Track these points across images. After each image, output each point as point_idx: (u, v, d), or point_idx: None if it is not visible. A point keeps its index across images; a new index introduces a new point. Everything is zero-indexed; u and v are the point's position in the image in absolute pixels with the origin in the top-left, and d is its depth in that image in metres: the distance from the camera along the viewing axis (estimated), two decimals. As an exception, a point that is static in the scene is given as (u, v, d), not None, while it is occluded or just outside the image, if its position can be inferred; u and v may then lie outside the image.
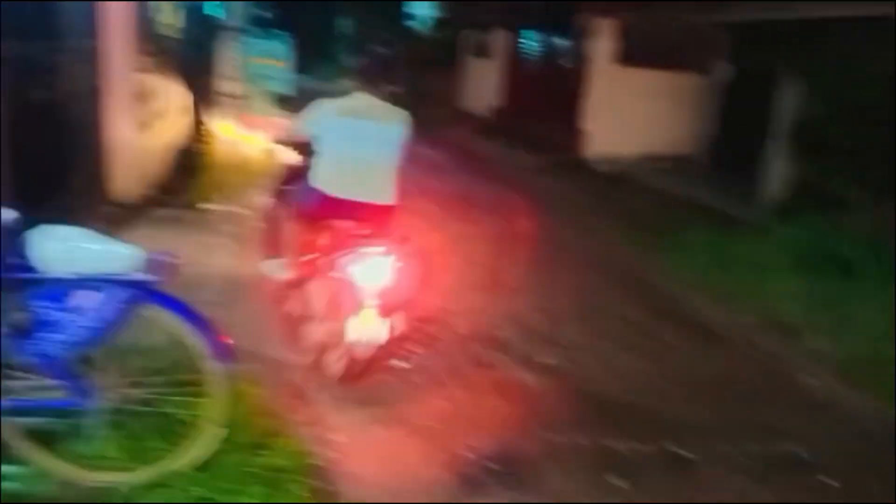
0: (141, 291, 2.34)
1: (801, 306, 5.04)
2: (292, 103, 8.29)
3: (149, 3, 8.13)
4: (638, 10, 13.18)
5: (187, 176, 7.42)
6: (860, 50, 8.10)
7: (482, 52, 17.62)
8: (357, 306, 3.33)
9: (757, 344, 4.93)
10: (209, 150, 7.90)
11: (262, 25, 8.63)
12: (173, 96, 9.36)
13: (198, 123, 9.50)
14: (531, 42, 14.95)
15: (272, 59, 8.02)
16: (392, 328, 3.43)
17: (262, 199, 6.92)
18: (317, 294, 3.64)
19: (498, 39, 16.42)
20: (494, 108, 16.17)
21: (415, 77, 22.75)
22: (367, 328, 3.35)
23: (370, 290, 3.31)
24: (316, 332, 3.62)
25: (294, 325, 3.82)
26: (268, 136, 7.98)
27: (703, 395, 4.10)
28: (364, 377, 3.53)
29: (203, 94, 8.34)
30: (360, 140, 3.59)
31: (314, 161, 3.65)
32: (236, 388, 2.74)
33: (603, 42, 11.82)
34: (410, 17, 29.57)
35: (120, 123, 6.23)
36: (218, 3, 10.96)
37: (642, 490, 3.13)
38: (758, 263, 5.86)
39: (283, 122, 7.89)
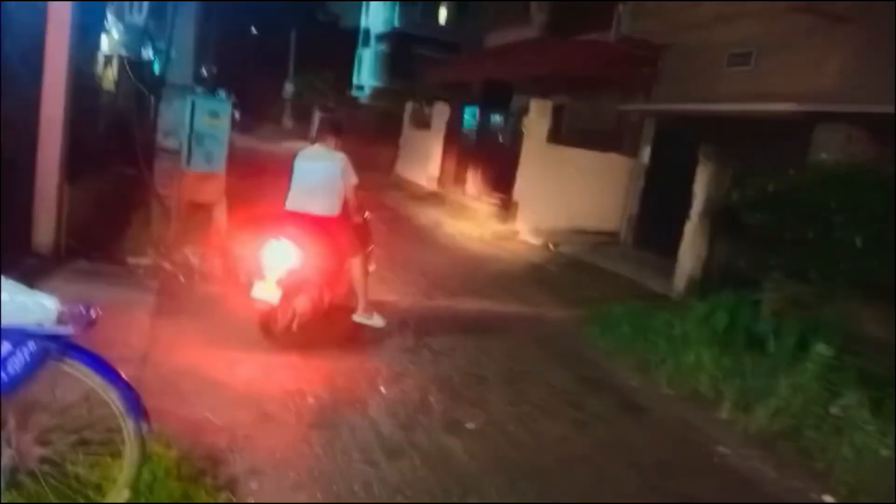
0: (55, 344, 2.28)
1: (715, 379, 5.26)
2: (231, 161, 8.28)
3: (90, 55, 8.12)
4: (571, 94, 13.95)
5: (118, 229, 7.25)
6: (770, 141, 8.81)
7: (423, 123, 18.15)
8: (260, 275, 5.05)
9: (674, 413, 5.09)
10: (144, 203, 7.76)
11: (205, 84, 8.65)
12: (112, 149, 9.24)
13: (134, 177, 9.36)
14: (470, 118, 15.52)
15: (213, 117, 8.01)
16: (287, 296, 5.09)
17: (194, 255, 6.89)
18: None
19: (439, 113, 16.98)
20: (430, 178, 16.55)
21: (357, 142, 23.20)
22: (265, 290, 5.03)
23: (271, 267, 5.03)
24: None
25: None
26: (206, 192, 7.92)
27: (621, 463, 4.19)
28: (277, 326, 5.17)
29: (141, 147, 8.26)
30: (311, 174, 5.51)
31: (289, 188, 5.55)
32: (148, 449, 2.66)
33: (537, 121, 12.38)
34: (356, 87, 30.24)
35: (49, 173, 6.10)
36: (160, 59, 11.01)
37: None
38: (676, 337, 6.10)
39: (219, 177, 7.91)
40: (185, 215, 7.71)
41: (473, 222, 12.74)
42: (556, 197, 12.04)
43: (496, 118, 15.17)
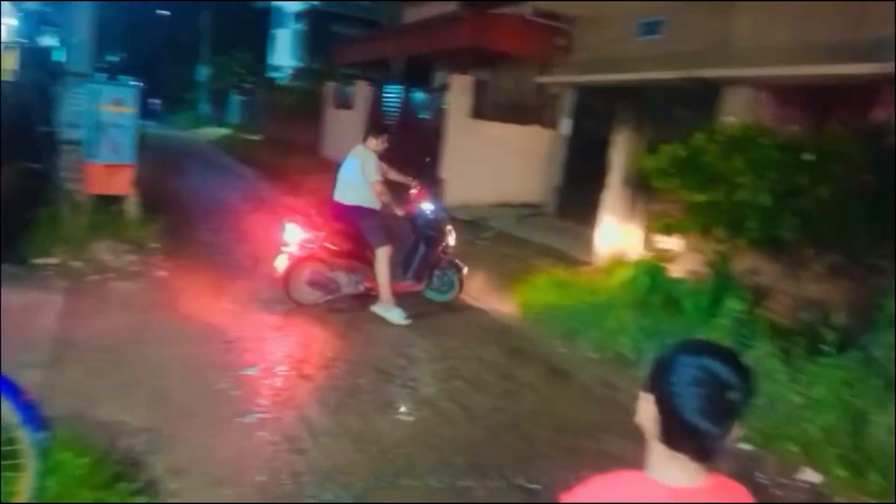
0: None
1: (636, 340, 5.43)
2: (141, 149, 7.94)
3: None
4: (491, 68, 13.98)
5: (22, 227, 6.84)
6: (682, 107, 9.07)
7: (345, 103, 17.83)
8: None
9: (598, 376, 5.24)
10: (49, 199, 7.34)
11: (110, 72, 8.21)
12: (12, 143, 8.68)
13: (38, 172, 8.83)
14: (392, 95, 15.35)
15: (119, 105, 7.64)
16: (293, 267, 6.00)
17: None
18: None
19: (361, 92, 16.71)
20: (357, 158, 16.34)
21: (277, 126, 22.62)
22: (278, 260, 5.98)
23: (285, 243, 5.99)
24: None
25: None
26: (115, 184, 7.56)
27: (548, 427, 4.28)
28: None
29: (44, 140, 7.79)
30: (343, 168, 6.20)
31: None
32: (54, 457, 2.54)
33: (459, 97, 12.36)
34: (273, 67, 29.41)
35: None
36: (61, 48, 10.40)
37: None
38: (599, 303, 6.26)
39: (129, 169, 7.56)
40: (95, 210, 7.35)
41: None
42: (482, 172, 12.08)
43: (418, 95, 15.06)
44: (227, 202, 11.80)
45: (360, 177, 5.95)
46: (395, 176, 6.37)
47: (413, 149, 13.96)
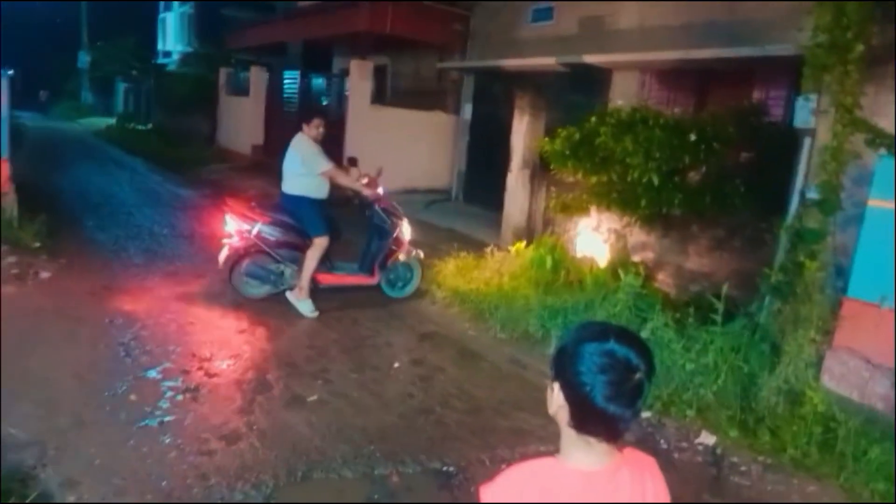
0: None
1: (541, 318, 5.58)
2: (17, 142, 7.35)
3: None
4: (391, 54, 13.86)
5: None
6: (577, 90, 9.33)
7: (240, 90, 17.19)
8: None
9: (507, 355, 5.35)
10: None
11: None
12: None
13: None
14: (291, 81, 14.93)
15: (-13, 96, 7.04)
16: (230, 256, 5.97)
17: None
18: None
19: (256, 78, 16.16)
20: (255, 146, 15.83)
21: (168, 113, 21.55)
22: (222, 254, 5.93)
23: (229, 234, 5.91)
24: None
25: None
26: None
27: (460, 409, 4.34)
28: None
29: None
30: (286, 159, 5.94)
31: None
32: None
33: (360, 82, 12.19)
34: (162, 53, 27.94)
35: None
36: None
37: (405, 513, 3.22)
38: (506, 284, 6.39)
39: (2, 164, 6.98)
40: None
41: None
42: (387, 158, 11.88)
43: (318, 81, 14.72)
44: (115, 196, 11.13)
45: (300, 167, 5.81)
46: (341, 167, 6.31)
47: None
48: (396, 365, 5.02)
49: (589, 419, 1.30)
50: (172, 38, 26.98)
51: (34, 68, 28.29)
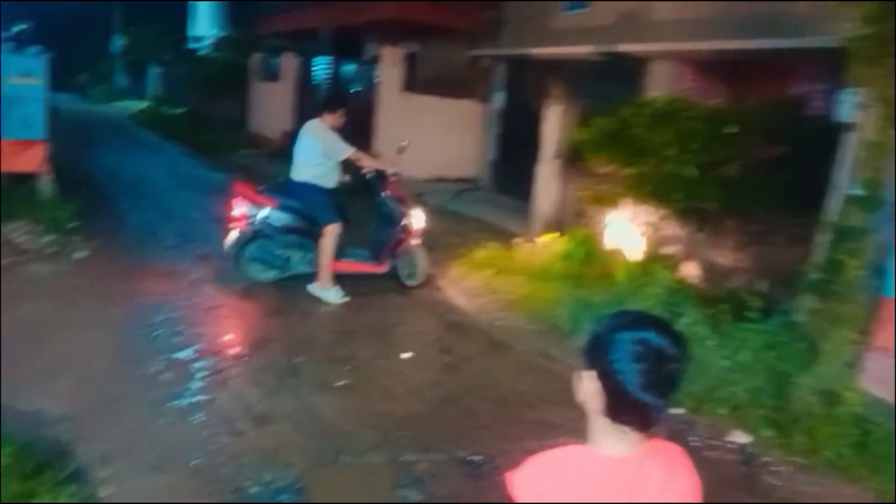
0: None
1: (571, 311, 5.53)
2: (54, 124, 7.48)
3: None
4: (422, 41, 13.80)
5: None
6: (610, 80, 9.21)
7: (271, 75, 17.28)
8: None
9: (535, 347, 5.32)
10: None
11: (17, 42, 7.65)
12: None
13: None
14: (322, 67, 14.96)
15: (26, 77, 7.14)
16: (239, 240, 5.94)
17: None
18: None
19: (287, 64, 16.22)
20: (285, 132, 15.91)
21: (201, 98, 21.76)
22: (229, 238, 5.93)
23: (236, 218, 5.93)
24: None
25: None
26: (25, 161, 7.09)
27: (487, 399, 4.32)
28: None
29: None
30: (297, 144, 5.93)
31: None
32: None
33: (390, 69, 12.16)
34: (193, 38, 28.16)
35: None
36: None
37: (433, 499, 3.21)
38: (536, 274, 6.34)
39: (40, 144, 7.10)
40: (5, 189, 6.89)
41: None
42: (416, 146, 11.90)
43: (348, 68, 14.72)
44: (148, 179, 11.29)
45: (314, 155, 5.79)
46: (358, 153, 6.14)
47: (345, 122, 13.72)
48: (423, 353, 5.02)
49: (622, 408, 1.28)
50: (205, 22, 27.16)
51: (69, 51, 28.69)
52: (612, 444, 1.32)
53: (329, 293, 5.87)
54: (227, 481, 3.14)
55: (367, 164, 6.04)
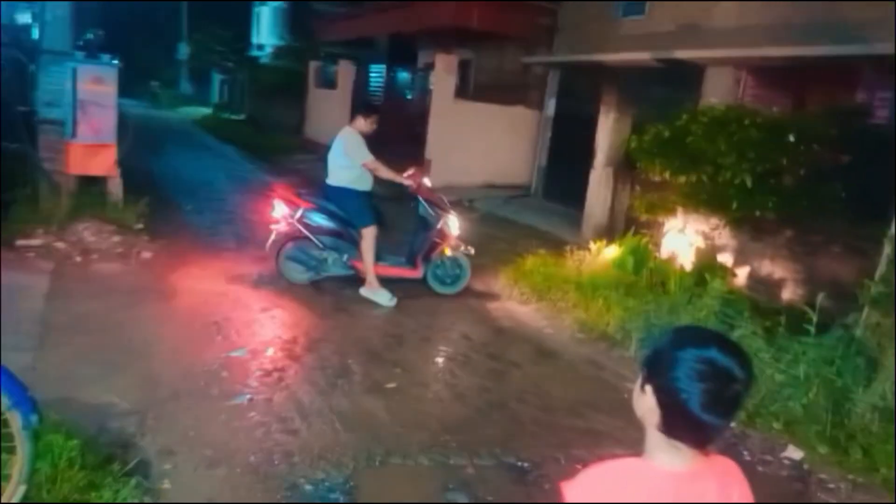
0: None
1: (622, 320, 5.49)
2: (122, 129, 7.82)
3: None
4: (476, 48, 13.89)
5: (3, 209, 6.75)
6: (667, 87, 9.10)
7: (328, 83, 17.65)
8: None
9: (585, 355, 5.30)
10: (29, 180, 7.23)
11: (87, 49, 8.03)
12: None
13: (16, 152, 8.67)
14: (376, 74, 15.22)
15: (98, 84, 7.50)
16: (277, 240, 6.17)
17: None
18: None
19: (344, 71, 16.55)
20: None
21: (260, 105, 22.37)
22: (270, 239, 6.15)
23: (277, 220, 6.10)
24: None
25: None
26: (96, 164, 7.45)
27: (535, 406, 4.34)
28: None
29: (22, 120, 7.63)
30: (331, 149, 6.10)
31: None
32: (44, 440, 2.53)
33: (444, 76, 12.28)
34: (256, 46, 28.97)
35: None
36: (34, 24, 10.13)
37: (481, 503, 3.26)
38: (585, 283, 6.31)
39: (110, 148, 7.45)
40: (77, 190, 7.25)
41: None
42: (468, 153, 12.06)
43: (403, 75, 14.95)
44: (210, 182, 11.69)
45: (345, 158, 5.93)
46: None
47: (398, 129, 13.92)
48: (472, 358, 5.06)
49: (681, 425, 1.28)
50: (266, 31, 27.95)
51: (137, 58, 29.87)
52: (667, 458, 1.31)
53: (379, 295, 5.96)
54: (282, 478, 3.24)
55: (384, 175, 6.02)
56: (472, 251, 6.41)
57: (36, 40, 8.70)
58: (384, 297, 5.96)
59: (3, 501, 2.32)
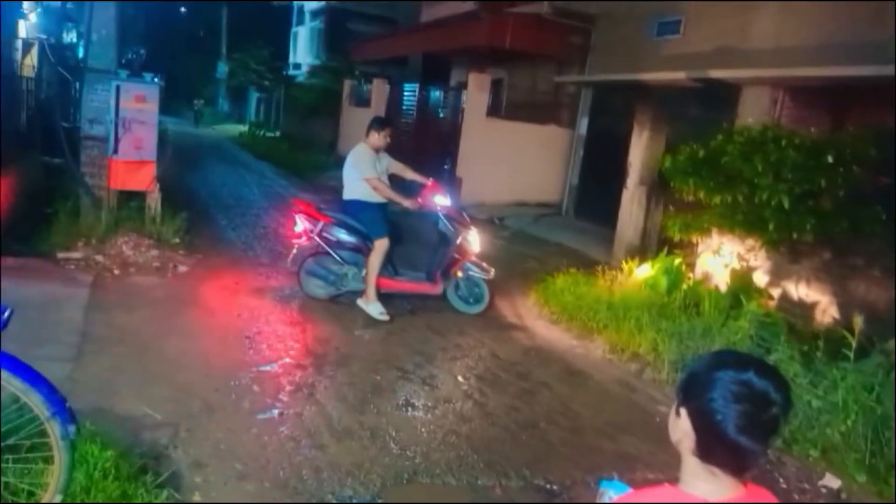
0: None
1: (653, 341, 5.41)
2: (162, 145, 8.02)
3: (7, 41, 7.68)
4: (508, 67, 13.95)
5: (45, 222, 6.96)
6: (701, 107, 9.03)
7: (362, 101, 17.88)
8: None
9: (615, 376, 5.24)
10: (71, 194, 7.45)
11: (130, 68, 8.27)
12: (35, 138, 8.81)
13: (60, 167, 8.95)
14: (409, 93, 15.38)
15: (141, 102, 7.71)
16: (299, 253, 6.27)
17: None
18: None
19: (378, 90, 16.76)
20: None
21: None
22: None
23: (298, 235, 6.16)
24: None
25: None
26: (136, 180, 7.65)
27: (565, 427, 4.29)
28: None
29: (66, 136, 7.88)
30: (345, 165, 6.13)
31: None
32: (80, 450, 2.59)
33: (476, 95, 12.36)
34: (293, 65, 29.52)
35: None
36: (80, 44, 10.49)
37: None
38: (616, 303, 6.25)
39: (150, 165, 7.64)
40: (117, 205, 7.44)
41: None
42: (499, 171, 12.09)
43: (436, 94, 15.08)
44: (246, 198, 11.90)
45: (355, 172, 5.98)
46: (410, 174, 6.38)
47: (430, 147, 14.01)
48: (500, 377, 5.04)
49: (717, 449, 1.26)
50: (303, 50, 28.43)
51: (178, 77, 30.63)
52: (704, 486, 1.29)
53: (372, 307, 5.93)
54: (310, 493, 3.26)
55: (384, 195, 6.01)
56: (492, 271, 6.26)
57: (81, 58, 9.00)
58: (375, 310, 5.92)
59: (40, 510, 2.37)
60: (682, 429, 1.31)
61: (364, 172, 5.94)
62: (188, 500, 3.06)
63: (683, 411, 1.31)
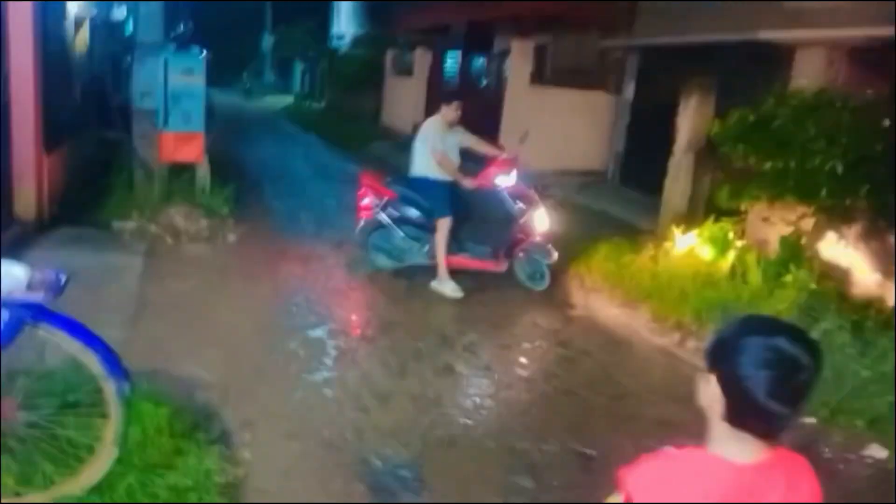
0: (30, 311, 2.31)
1: (698, 310, 5.34)
2: (209, 118, 8.18)
3: (58, 18, 7.91)
4: (552, 33, 13.68)
5: (100, 193, 7.23)
6: (752, 69, 8.71)
7: (405, 70, 17.82)
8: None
9: (658, 345, 5.20)
10: (124, 166, 7.71)
11: (178, 41, 8.44)
12: (88, 113, 9.10)
13: (113, 140, 9.24)
14: (452, 62, 15.26)
15: (188, 75, 7.86)
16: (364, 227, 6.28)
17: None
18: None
19: (420, 59, 16.67)
20: (416, 125, 16.36)
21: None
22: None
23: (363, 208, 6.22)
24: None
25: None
26: (186, 152, 7.85)
27: (605, 394, 4.30)
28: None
29: (118, 110, 8.14)
30: (416, 140, 6.11)
31: None
32: (136, 407, 2.73)
33: (519, 62, 12.19)
34: (336, 36, 29.54)
35: (25, 142, 6.04)
36: (129, 19, 10.72)
37: (546, 488, 3.28)
38: (660, 272, 6.17)
39: (199, 137, 7.82)
40: (168, 177, 7.66)
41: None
42: (543, 138, 11.87)
43: (479, 61, 14.92)
44: (291, 169, 12.08)
45: (424, 146, 5.99)
46: (483, 147, 6.35)
47: (474, 115, 13.93)
48: (541, 345, 5.06)
49: (746, 414, 1.26)
50: (346, 20, 28.41)
51: (223, 50, 31.04)
52: (732, 450, 1.29)
53: (445, 285, 5.93)
54: (354, 453, 3.37)
55: (448, 171, 5.93)
56: (555, 254, 6.13)
57: (131, 34, 9.21)
58: (449, 288, 5.92)
59: (97, 462, 2.52)
60: (711, 394, 1.31)
61: (435, 147, 5.89)
62: (238, 457, 3.20)
63: (712, 377, 1.31)
